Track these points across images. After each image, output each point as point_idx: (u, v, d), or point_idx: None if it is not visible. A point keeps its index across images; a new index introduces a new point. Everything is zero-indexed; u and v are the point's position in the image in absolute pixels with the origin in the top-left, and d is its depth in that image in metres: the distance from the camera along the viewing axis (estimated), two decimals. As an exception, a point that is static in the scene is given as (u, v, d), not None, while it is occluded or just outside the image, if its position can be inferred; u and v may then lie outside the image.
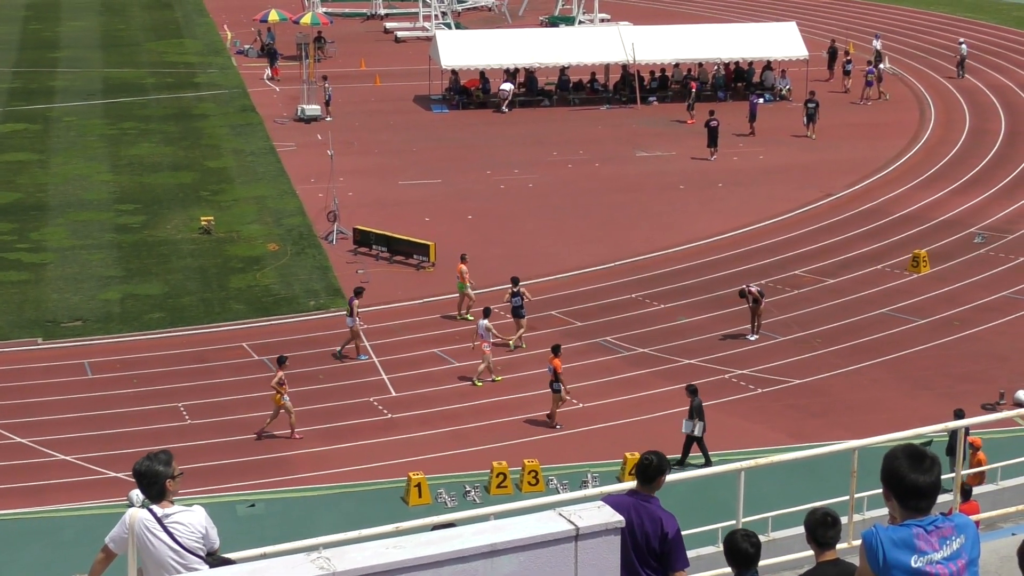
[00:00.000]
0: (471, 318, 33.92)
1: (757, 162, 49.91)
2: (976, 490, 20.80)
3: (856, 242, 40.58)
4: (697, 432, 26.08)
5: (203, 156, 50.93)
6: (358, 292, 32.32)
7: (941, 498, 8.92)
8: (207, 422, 28.48)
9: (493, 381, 30.29)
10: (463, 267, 34.35)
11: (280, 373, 27.64)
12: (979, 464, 23.04)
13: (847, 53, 65.55)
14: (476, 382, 30.21)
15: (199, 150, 51.81)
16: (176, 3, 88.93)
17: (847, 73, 62.16)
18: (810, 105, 53.09)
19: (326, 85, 57.06)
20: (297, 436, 27.62)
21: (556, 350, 28.53)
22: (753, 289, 32.52)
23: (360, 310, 31.88)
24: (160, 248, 40.07)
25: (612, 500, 8.86)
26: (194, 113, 58.21)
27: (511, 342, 32.06)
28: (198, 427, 28.25)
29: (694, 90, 57.43)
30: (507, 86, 58.57)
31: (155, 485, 8.69)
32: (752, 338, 32.42)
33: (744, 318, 33.17)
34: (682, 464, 26.01)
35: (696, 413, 26.18)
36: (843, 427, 27.64)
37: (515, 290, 32.52)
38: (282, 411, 27.51)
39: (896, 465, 6.13)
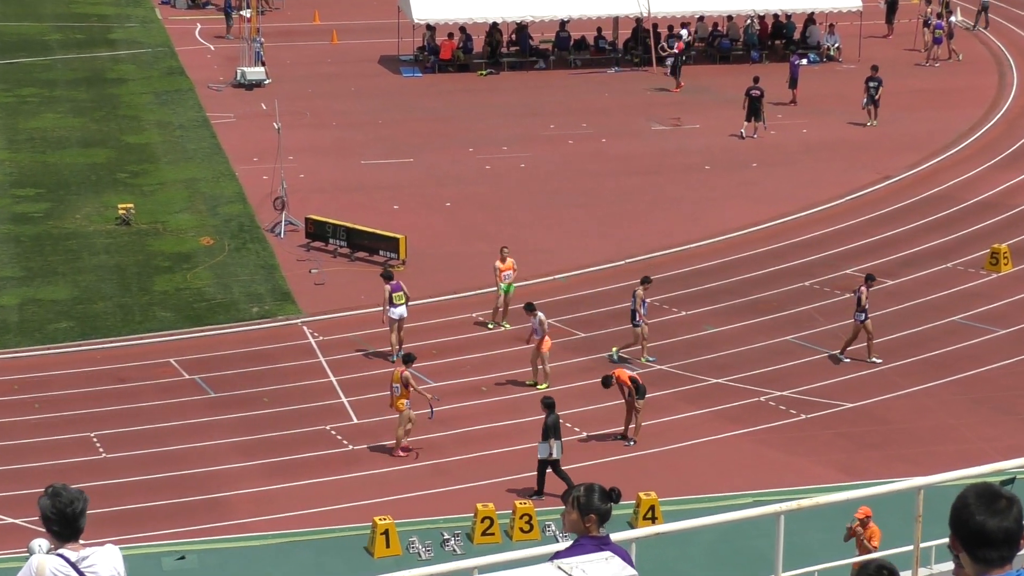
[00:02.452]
0: (508, 326, 34.24)
1: (799, 137, 50.03)
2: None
3: (921, 235, 40.70)
4: (555, 454, 26.60)
5: (120, 130, 50.90)
6: (387, 275, 33.08)
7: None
8: (126, 455, 28.45)
9: (534, 385, 31.24)
10: (499, 263, 34.39)
11: (406, 371, 28.35)
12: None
13: (928, 1, 64.90)
14: (532, 382, 31.34)
15: (115, 122, 51.78)
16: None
17: (927, 25, 61.56)
18: (871, 84, 51.30)
19: (257, 40, 56.80)
20: (401, 454, 28.35)
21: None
22: (863, 298, 32.18)
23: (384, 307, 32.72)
24: (68, 242, 40.05)
25: (570, 552, 8.89)
26: (109, 77, 58.17)
27: (614, 352, 32.38)
28: (115, 462, 28.22)
29: (679, 51, 57.37)
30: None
31: (76, 522, 8.74)
32: (877, 360, 32.36)
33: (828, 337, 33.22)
34: (539, 494, 26.58)
35: (552, 432, 26.61)
36: (905, 461, 27.70)
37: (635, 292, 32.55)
38: (401, 416, 28.32)
39: (963, 507, 6.06)
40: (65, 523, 8.74)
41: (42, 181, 45.26)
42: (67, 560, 8.69)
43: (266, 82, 56.02)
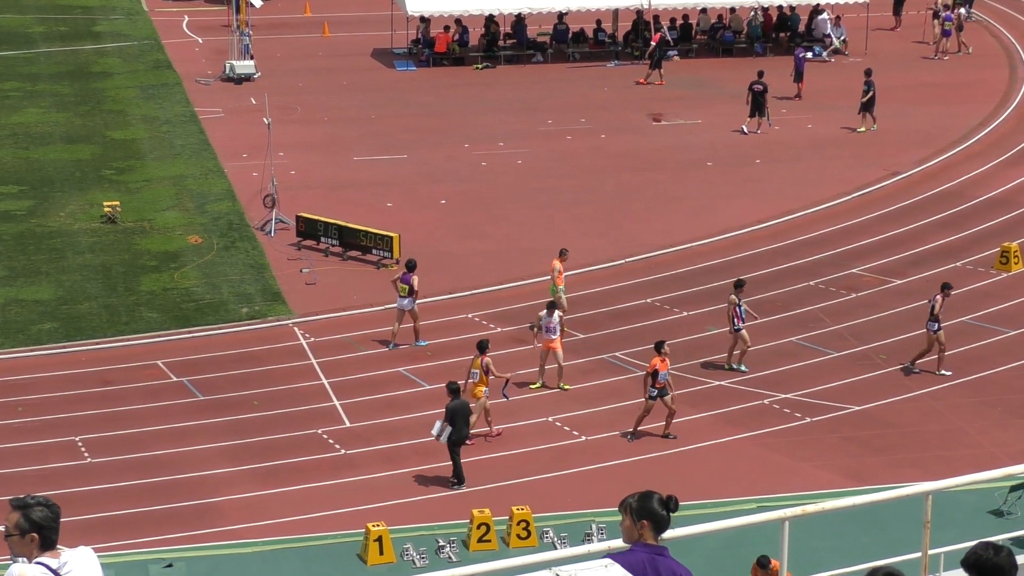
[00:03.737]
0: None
1: (804, 132, 50.07)
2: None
3: (930, 233, 40.75)
4: (441, 438, 27.35)
5: (106, 125, 50.91)
6: (410, 265, 33.25)
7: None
8: (112, 460, 28.47)
9: (562, 388, 31.40)
10: (558, 263, 34.24)
11: (486, 358, 29.05)
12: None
13: None
14: (563, 386, 31.38)
15: (100, 117, 51.79)
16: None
17: (936, 16, 61.57)
18: (865, 88, 50.28)
19: (246, 32, 56.80)
20: (496, 432, 29.27)
21: (660, 347, 29.44)
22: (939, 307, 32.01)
23: (414, 299, 33.06)
24: (52, 241, 40.06)
25: (621, 557, 8.93)
26: (94, 71, 58.17)
27: (732, 365, 32.35)
28: (100, 467, 28.24)
29: (655, 43, 57.35)
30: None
31: (58, 530, 8.87)
32: (946, 373, 32.30)
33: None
34: (459, 481, 27.38)
35: (449, 415, 27.26)
36: (913, 465, 27.74)
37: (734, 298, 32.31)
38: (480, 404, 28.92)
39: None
40: (58, 531, 8.90)
41: (25, 178, 45.25)
42: (49, 568, 8.75)
43: (255, 76, 56.04)
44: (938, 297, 31.94)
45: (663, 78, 56.17)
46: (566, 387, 31.44)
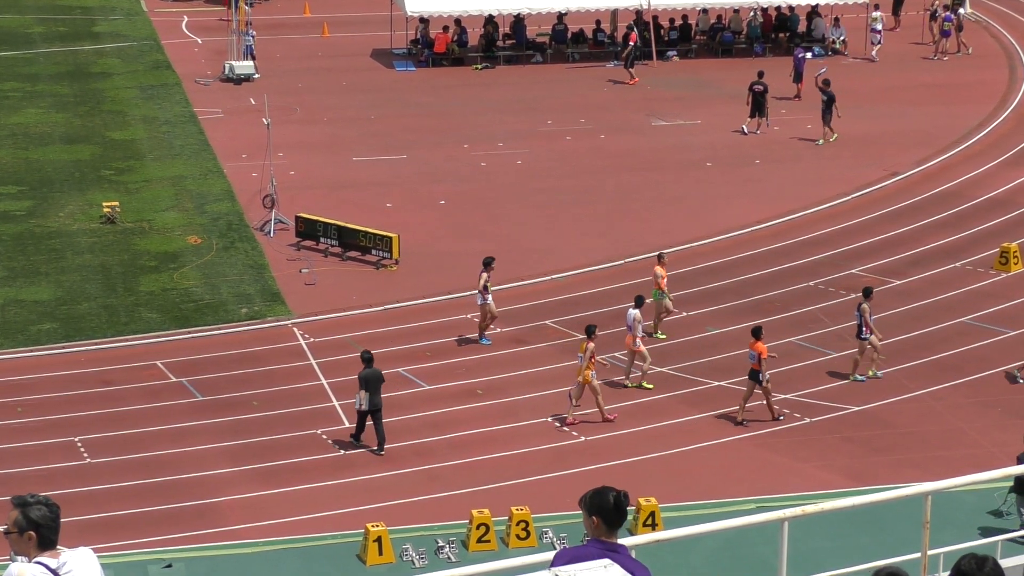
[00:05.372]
0: (663, 336, 34.10)
1: (804, 133, 50.05)
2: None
3: (929, 233, 40.75)
4: (364, 406, 28.38)
5: (105, 125, 50.90)
6: (487, 263, 33.36)
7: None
8: (111, 460, 28.46)
9: (642, 387, 31.46)
10: (660, 269, 34.11)
11: (591, 344, 29.28)
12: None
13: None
14: (645, 384, 31.45)
15: (100, 118, 51.78)
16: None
17: (934, 17, 61.58)
18: (823, 98, 49.06)
19: (250, 33, 56.87)
20: (610, 417, 29.58)
21: (758, 333, 29.66)
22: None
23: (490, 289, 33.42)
24: (51, 241, 40.05)
25: (571, 552, 8.93)
26: (93, 71, 58.16)
27: (873, 373, 32.06)
28: (100, 467, 28.23)
29: (633, 43, 57.33)
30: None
31: (57, 530, 8.87)
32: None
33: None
34: (356, 438, 28.71)
35: (362, 384, 28.31)
36: (913, 466, 27.73)
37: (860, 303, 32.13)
38: (587, 389, 29.43)
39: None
40: (57, 531, 8.91)
41: (24, 178, 45.25)
42: (48, 568, 8.76)
43: (255, 76, 56.04)
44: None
45: (634, 77, 56.13)
46: (648, 386, 31.45)
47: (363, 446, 28.81)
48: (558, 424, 29.78)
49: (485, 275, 33.34)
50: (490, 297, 33.49)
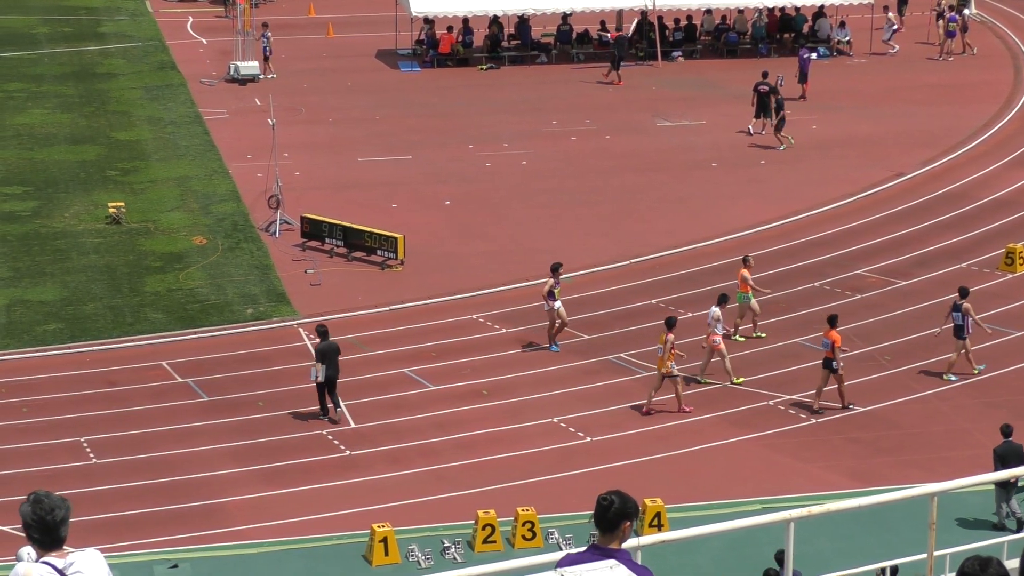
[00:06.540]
0: (763, 335, 34.14)
1: (809, 133, 50.06)
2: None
3: (935, 234, 40.75)
4: (319, 377, 29.42)
5: (110, 126, 50.95)
6: (555, 268, 33.40)
7: None
8: (117, 461, 28.49)
9: (733, 384, 31.52)
10: (745, 272, 33.98)
11: (670, 336, 29.71)
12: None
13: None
14: (735, 380, 31.53)
15: (105, 118, 51.83)
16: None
17: (940, 17, 61.48)
18: (771, 97, 49.02)
19: (266, 35, 57.15)
20: (687, 408, 30.07)
21: (833, 321, 30.09)
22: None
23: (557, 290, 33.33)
24: (56, 242, 40.09)
25: (571, 557, 8.92)
26: (98, 72, 58.21)
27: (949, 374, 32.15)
28: (106, 468, 28.26)
29: (613, 40, 57.50)
30: None
31: (57, 530, 8.76)
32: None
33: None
34: (324, 413, 29.80)
35: (319, 356, 29.41)
36: (918, 466, 27.73)
37: (958, 303, 31.97)
38: (667, 380, 29.88)
39: None
40: (45, 531, 8.76)
41: (29, 179, 45.30)
42: (54, 567, 8.73)
43: (260, 77, 56.11)
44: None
45: (620, 79, 56.16)
46: (738, 381, 31.56)
47: (332, 420, 29.83)
48: (643, 412, 30.14)
49: (552, 281, 33.13)
50: (558, 303, 33.20)
